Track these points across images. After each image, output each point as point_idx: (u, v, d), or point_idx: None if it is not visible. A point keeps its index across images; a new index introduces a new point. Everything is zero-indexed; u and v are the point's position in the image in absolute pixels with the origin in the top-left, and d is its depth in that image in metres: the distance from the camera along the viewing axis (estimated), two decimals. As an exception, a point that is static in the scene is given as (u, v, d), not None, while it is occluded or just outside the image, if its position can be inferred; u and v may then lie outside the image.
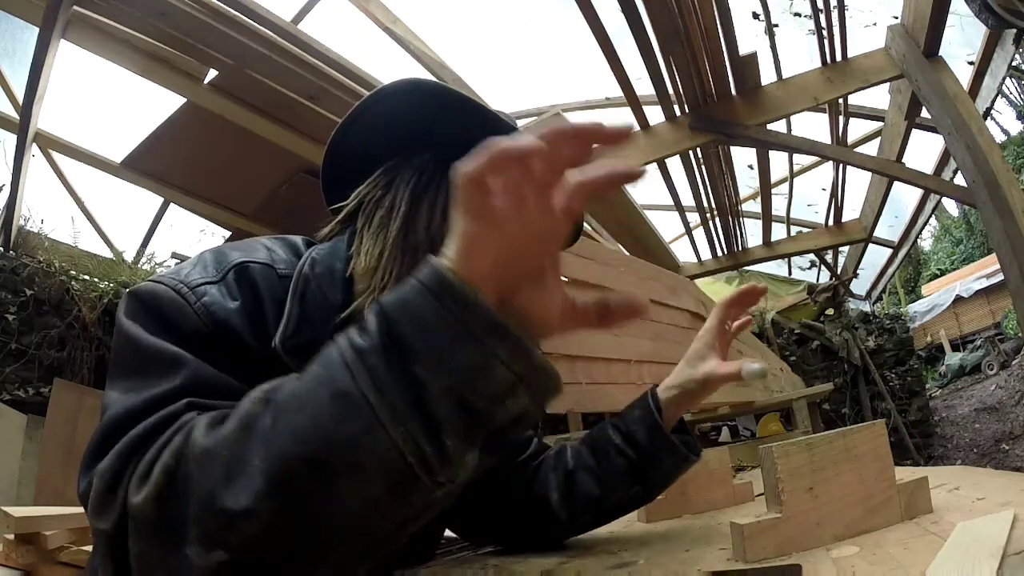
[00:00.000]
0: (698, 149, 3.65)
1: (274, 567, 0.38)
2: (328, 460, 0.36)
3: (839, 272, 6.69)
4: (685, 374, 0.73)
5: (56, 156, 3.79)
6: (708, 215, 4.85)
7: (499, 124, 0.64)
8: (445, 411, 0.36)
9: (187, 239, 4.27)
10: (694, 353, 0.73)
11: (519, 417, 0.39)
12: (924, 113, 3.23)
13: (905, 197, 5.89)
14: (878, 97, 3.90)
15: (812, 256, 6.78)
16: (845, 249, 6.32)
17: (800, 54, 3.35)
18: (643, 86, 3.15)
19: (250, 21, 2.51)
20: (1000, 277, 6.81)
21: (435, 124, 0.64)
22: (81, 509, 1.52)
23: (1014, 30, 2.74)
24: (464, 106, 0.64)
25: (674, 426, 0.73)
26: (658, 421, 0.70)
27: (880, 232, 5.63)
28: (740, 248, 5.57)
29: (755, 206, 5.18)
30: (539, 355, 0.39)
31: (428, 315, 0.36)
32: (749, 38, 3.67)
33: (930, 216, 5.77)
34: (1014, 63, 3.26)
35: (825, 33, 3.02)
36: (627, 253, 4.68)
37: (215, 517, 0.37)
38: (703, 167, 4.05)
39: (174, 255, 4.08)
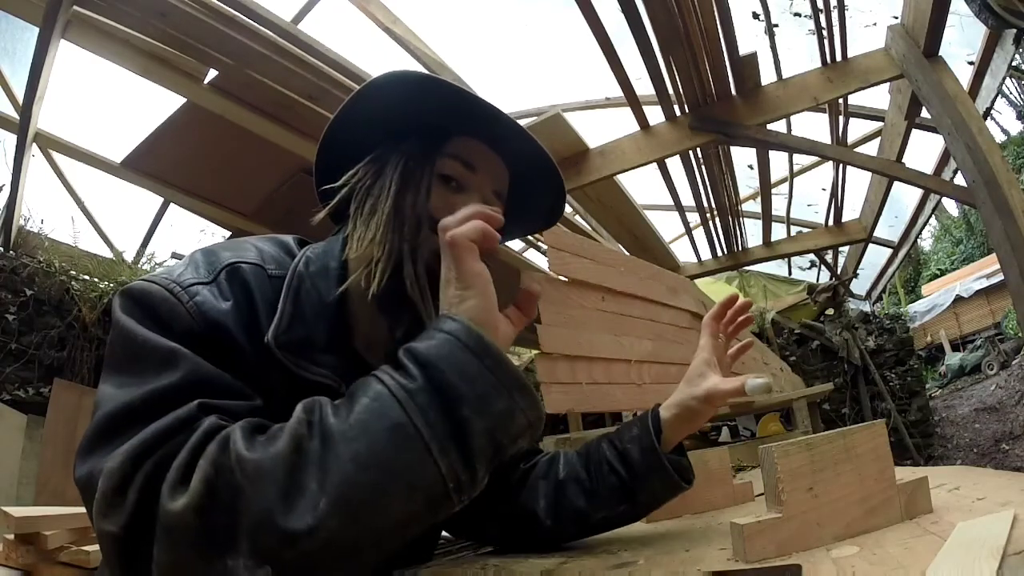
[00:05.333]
0: (698, 149, 3.65)
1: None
2: (386, 485, 0.42)
3: (839, 272, 6.68)
4: (685, 393, 0.70)
5: (56, 156, 3.79)
6: (708, 215, 4.84)
7: (475, 105, 0.65)
8: (480, 447, 0.45)
9: (187, 239, 4.28)
10: (693, 371, 0.71)
11: (521, 447, 0.50)
12: (924, 113, 3.23)
13: (905, 197, 5.89)
14: (878, 97, 3.90)
15: (812, 256, 6.77)
16: (845, 249, 6.31)
17: (800, 54, 3.35)
18: (643, 86, 3.15)
19: (250, 21, 2.50)
20: (1000, 277, 6.81)
21: (418, 111, 0.66)
22: (81, 510, 1.52)
23: (1014, 30, 2.73)
24: (443, 91, 0.65)
25: (673, 448, 0.71)
26: (654, 443, 0.68)
27: (880, 232, 5.62)
28: (740, 248, 5.56)
29: (755, 206, 5.17)
30: (542, 404, 0.50)
31: (471, 370, 0.46)
32: (749, 38, 3.68)
33: (930, 216, 5.76)
34: (1014, 63, 3.25)
35: (825, 33, 3.02)
36: (627, 253, 4.67)
37: (272, 535, 0.39)
38: (703, 167, 4.05)
39: (174, 255, 4.08)
